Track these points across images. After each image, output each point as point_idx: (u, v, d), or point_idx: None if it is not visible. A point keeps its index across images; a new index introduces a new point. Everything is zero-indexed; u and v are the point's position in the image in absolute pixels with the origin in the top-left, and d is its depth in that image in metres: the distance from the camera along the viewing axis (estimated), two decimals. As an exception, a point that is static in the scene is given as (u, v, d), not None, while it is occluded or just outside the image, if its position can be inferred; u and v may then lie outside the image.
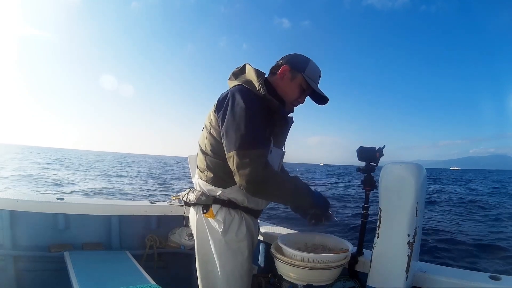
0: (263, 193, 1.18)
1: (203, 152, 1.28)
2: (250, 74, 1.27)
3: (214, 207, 1.24)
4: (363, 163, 1.41)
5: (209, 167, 1.26)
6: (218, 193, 1.25)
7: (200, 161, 1.30)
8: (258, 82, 1.22)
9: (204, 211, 1.25)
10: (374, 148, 1.41)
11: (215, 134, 1.23)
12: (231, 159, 1.12)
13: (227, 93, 1.22)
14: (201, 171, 1.30)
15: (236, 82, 1.28)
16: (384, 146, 1.41)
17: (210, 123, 1.26)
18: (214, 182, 1.25)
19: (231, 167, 1.14)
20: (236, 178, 1.13)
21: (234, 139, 1.12)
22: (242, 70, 1.34)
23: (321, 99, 1.39)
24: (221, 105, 1.20)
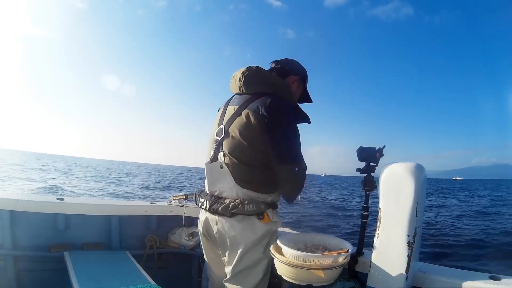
0: (296, 197, 1.33)
1: (246, 164, 1.26)
2: (281, 86, 1.35)
3: (269, 212, 1.30)
4: (363, 163, 1.41)
5: (256, 178, 1.28)
6: (268, 199, 1.31)
7: (242, 172, 1.27)
8: (292, 96, 1.39)
9: (261, 217, 1.28)
10: (374, 148, 1.41)
11: (260, 147, 1.24)
12: (286, 170, 1.25)
13: (272, 105, 1.23)
14: (245, 182, 1.28)
15: (263, 89, 1.31)
16: (384, 146, 1.41)
17: (252, 135, 1.24)
18: (264, 190, 1.30)
19: (283, 176, 1.26)
20: (286, 186, 1.28)
21: (289, 151, 1.25)
22: (261, 74, 1.34)
23: (304, 101, 1.54)
24: (267, 118, 1.22)
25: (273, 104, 1.24)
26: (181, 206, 2.14)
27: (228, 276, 1.33)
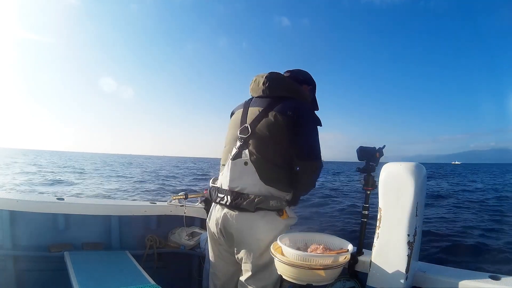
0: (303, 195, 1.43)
1: (271, 162, 1.33)
2: (301, 92, 1.45)
3: (287, 209, 1.37)
4: (363, 163, 1.41)
5: (281, 176, 1.34)
6: (287, 197, 1.37)
7: (267, 170, 1.33)
8: (309, 101, 1.50)
9: (280, 214, 1.34)
10: (374, 148, 1.42)
11: (285, 146, 1.32)
12: (310, 166, 1.33)
13: (298, 109, 1.34)
14: (270, 179, 1.33)
15: (285, 93, 1.41)
16: (384, 146, 1.41)
17: (280, 135, 1.32)
18: (286, 188, 1.36)
19: (304, 170, 1.34)
20: (308, 182, 1.37)
21: (314, 150, 1.34)
22: (284, 80, 1.44)
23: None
24: (295, 119, 1.31)
25: (299, 107, 1.35)
26: (181, 206, 2.14)
27: (249, 273, 1.34)
